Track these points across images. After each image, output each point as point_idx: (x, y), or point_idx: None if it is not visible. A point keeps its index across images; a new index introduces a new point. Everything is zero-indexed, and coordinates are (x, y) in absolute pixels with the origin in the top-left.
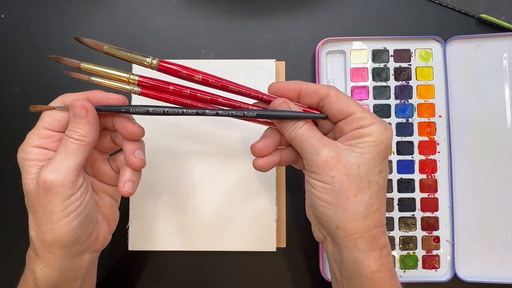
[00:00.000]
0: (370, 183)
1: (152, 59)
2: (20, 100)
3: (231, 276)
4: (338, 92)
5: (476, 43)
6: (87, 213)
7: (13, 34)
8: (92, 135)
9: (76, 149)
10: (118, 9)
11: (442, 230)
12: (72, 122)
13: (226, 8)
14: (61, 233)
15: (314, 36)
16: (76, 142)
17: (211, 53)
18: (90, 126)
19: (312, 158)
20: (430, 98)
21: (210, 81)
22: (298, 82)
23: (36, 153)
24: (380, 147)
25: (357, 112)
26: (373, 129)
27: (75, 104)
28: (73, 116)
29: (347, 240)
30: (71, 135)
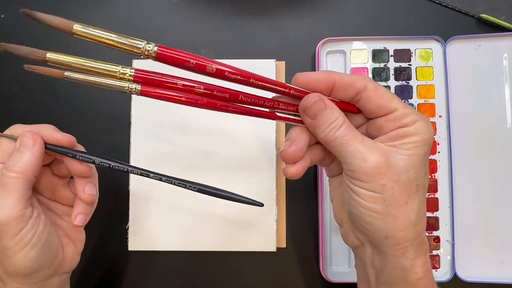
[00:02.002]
0: (418, 187)
1: (146, 43)
2: (20, 100)
3: (231, 276)
4: (376, 85)
5: (476, 43)
6: (44, 241)
7: (13, 34)
8: (33, 168)
9: (16, 183)
10: (118, 9)
11: (442, 230)
12: (16, 152)
13: (226, 8)
14: (21, 265)
15: (314, 36)
16: (15, 175)
17: (211, 53)
18: (32, 157)
19: (358, 165)
20: (430, 98)
21: (226, 73)
22: (330, 72)
23: None
24: (426, 147)
25: (399, 109)
26: (418, 127)
27: (24, 134)
28: (19, 145)
29: (396, 249)
30: (10, 168)
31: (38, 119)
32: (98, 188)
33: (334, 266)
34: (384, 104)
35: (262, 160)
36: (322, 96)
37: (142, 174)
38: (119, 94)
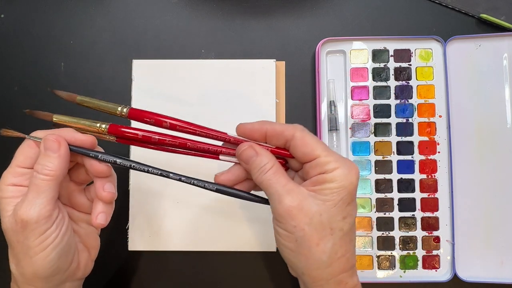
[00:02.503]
0: (333, 230)
1: (122, 107)
2: (20, 100)
3: (231, 276)
4: (304, 134)
5: (476, 43)
6: (64, 244)
7: (13, 34)
8: (62, 170)
9: (46, 185)
10: (118, 9)
11: (442, 230)
12: (43, 155)
13: (226, 8)
14: (40, 266)
15: (314, 36)
16: (46, 178)
17: (211, 53)
18: (60, 160)
19: (275, 206)
20: (430, 98)
21: (178, 127)
22: (264, 123)
23: (12, 191)
24: (343, 193)
25: (321, 156)
26: (336, 175)
27: (48, 138)
28: (45, 150)
29: (313, 286)
30: (40, 171)
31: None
32: None
33: None
34: (308, 151)
35: None
36: (252, 144)
37: (161, 174)
38: (119, 94)
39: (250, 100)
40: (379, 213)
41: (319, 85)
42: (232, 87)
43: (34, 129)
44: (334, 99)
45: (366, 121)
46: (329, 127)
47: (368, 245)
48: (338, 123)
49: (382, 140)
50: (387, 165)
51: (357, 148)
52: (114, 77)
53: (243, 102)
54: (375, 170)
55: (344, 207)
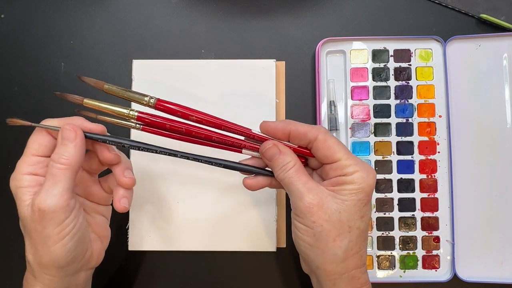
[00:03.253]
0: (351, 228)
1: (149, 98)
2: (20, 100)
3: (231, 276)
4: (326, 137)
5: (476, 43)
6: (81, 233)
7: (13, 34)
8: (78, 159)
9: (63, 174)
10: (118, 9)
11: (442, 230)
12: (60, 145)
13: (226, 8)
14: (58, 255)
15: (314, 36)
16: (62, 167)
17: (211, 53)
18: (76, 149)
19: (296, 202)
20: (430, 98)
21: (204, 121)
22: (289, 123)
23: (28, 180)
24: (362, 194)
25: (341, 160)
26: (355, 177)
27: (65, 127)
28: (62, 139)
29: (327, 280)
30: (57, 160)
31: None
32: None
33: None
34: (329, 155)
35: None
36: (276, 143)
37: (170, 154)
38: None
39: (250, 100)
40: (379, 213)
41: (319, 85)
42: (232, 87)
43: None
44: (334, 99)
45: (366, 121)
46: (329, 127)
47: (368, 245)
48: (338, 123)
49: (382, 140)
50: (387, 165)
51: (357, 148)
52: (114, 77)
53: (243, 102)
54: (375, 170)
55: (362, 207)
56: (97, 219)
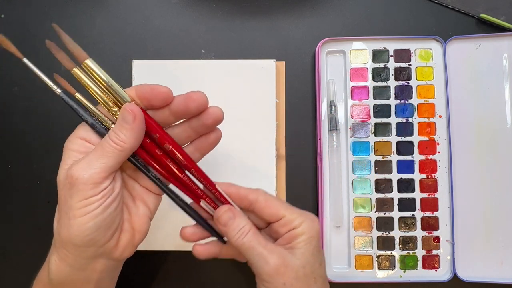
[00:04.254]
0: (316, 279)
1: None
2: (20, 100)
3: (231, 276)
4: (266, 197)
5: (476, 43)
6: (105, 216)
7: (13, 34)
8: (132, 142)
9: (111, 152)
10: (118, 9)
11: (442, 230)
12: (118, 124)
13: (226, 8)
14: (74, 231)
15: (314, 36)
16: (113, 145)
17: (211, 53)
18: (132, 133)
19: (262, 267)
20: (430, 98)
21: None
22: (229, 186)
23: (79, 144)
24: (314, 241)
25: (286, 215)
26: (304, 228)
27: (124, 107)
28: (121, 119)
29: None
30: (111, 136)
31: (38, 119)
32: None
33: (334, 266)
34: (274, 212)
35: (262, 160)
36: (231, 207)
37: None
38: None
39: (250, 100)
40: (379, 213)
41: (319, 85)
42: (232, 87)
43: (34, 129)
44: (334, 99)
45: (366, 121)
46: (329, 127)
47: (368, 245)
48: (338, 123)
49: (382, 140)
50: (387, 165)
51: (357, 148)
52: (114, 77)
53: (243, 102)
54: (375, 170)
55: (318, 254)
56: (139, 209)
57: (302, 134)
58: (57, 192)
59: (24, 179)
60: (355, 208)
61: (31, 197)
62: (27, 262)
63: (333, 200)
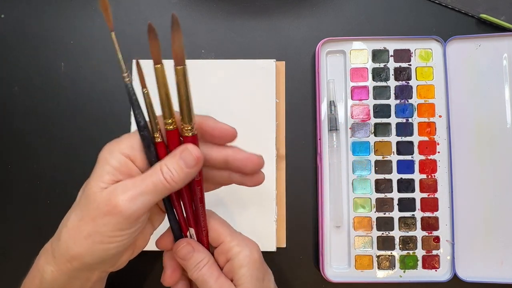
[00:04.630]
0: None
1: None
2: (20, 100)
3: None
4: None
5: (476, 43)
6: (127, 244)
7: (13, 34)
8: (183, 184)
9: (161, 189)
10: (118, 9)
11: (442, 230)
12: (175, 161)
13: (226, 8)
14: (93, 254)
15: (314, 36)
16: (165, 183)
17: (211, 53)
18: (187, 177)
19: None
20: (430, 98)
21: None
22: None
23: (121, 163)
24: (254, 272)
25: (225, 242)
26: (241, 259)
27: (189, 149)
28: (180, 158)
29: None
30: (165, 172)
31: (38, 119)
32: None
33: (334, 266)
34: (215, 237)
35: None
36: (190, 241)
37: None
38: (119, 94)
39: (250, 100)
40: (379, 213)
41: (319, 85)
42: (232, 87)
43: (34, 129)
44: (334, 99)
45: (366, 121)
46: (329, 127)
47: (368, 245)
48: (338, 123)
49: (382, 140)
50: (387, 165)
51: (357, 148)
52: (114, 77)
53: (243, 102)
54: (375, 170)
55: (262, 282)
56: (146, 228)
57: (302, 134)
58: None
59: (24, 179)
60: (355, 208)
61: (31, 197)
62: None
63: (333, 200)
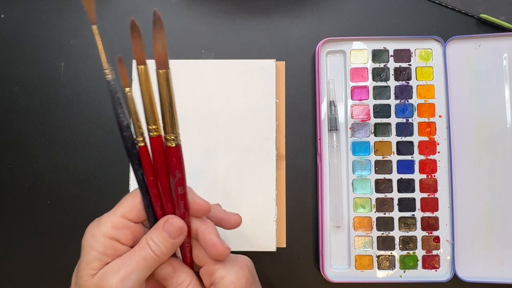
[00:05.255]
0: None
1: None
2: (20, 100)
3: None
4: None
5: (476, 43)
6: None
7: (13, 34)
8: (170, 254)
9: (151, 263)
10: (118, 9)
11: (442, 230)
12: (159, 234)
13: (226, 8)
14: None
15: (314, 36)
16: (155, 257)
17: (211, 53)
18: (174, 246)
19: None
20: (430, 98)
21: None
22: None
23: (106, 246)
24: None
25: (208, 263)
26: (226, 285)
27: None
28: (163, 230)
29: None
30: (152, 246)
31: (38, 119)
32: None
33: (334, 266)
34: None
35: (262, 160)
36: (171, 261)
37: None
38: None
39: (250, 100)
40: (379, 213)
41: (319, 85)
42: (232, 87)
43: (34, 129)
44: (334, 99)
45: (366, 121)
46: (329, 127)
47: (368, 245)
48: (338, 123)
49: (382, 140)
50: (387, 165)
51: (357, 148)
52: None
53: (243, 102)
54: (375, 170)
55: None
56: None
57: (302, 134)
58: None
59: (24, 179)
60: (355, 208)
61: (31, 197)
62: (27, 262)
63: (333, 200)
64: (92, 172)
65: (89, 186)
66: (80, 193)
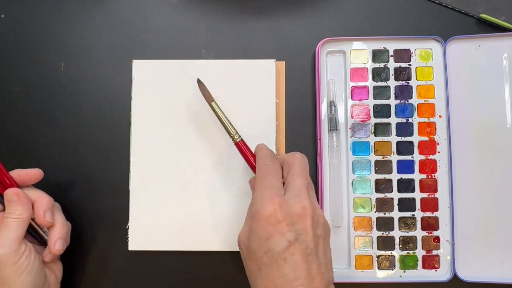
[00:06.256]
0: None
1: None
2: (20, 100)
3: (231, 276)
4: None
5: (476, 43)
6: (36, 268)
7: (13, 34)
8: (27, 212)
9: (16, 225)
10: (118, 9)
11: (442, 230)
12: (8, 206)
13: (226, 8)
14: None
15: (314, 36)
16: (15, 220)
17: (211, 53)
18: (23, 206)
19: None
20: (430, 98)
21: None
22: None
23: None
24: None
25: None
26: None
27: (8, 193)
28: (8, 202)
29: None
30: (10, 216)
31: (38, 119)
32: (98, 187)
33: (334, 266)
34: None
35: None
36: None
37: None
38: (119, 94)
39: (250, 100)
40: (379, 213)
41: (319, 85)
42: (232, 87)
43: (34, 128)
44: (334, 99)
45: (366, 121)
46: (329, 127)
47: (368, 245)
48: (338, 123)
49: (382, 140)
50: (387, 165)
51: (357, 148)
52: (114, 77)
53: (243, 102)
54: (375, 170)
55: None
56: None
57: (302, 134)
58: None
59: None
60: (355, 208)
61: None
62: None
63: (333, 200)
64: (92, 172)
65: (89, 186)
66: (80, 193)
